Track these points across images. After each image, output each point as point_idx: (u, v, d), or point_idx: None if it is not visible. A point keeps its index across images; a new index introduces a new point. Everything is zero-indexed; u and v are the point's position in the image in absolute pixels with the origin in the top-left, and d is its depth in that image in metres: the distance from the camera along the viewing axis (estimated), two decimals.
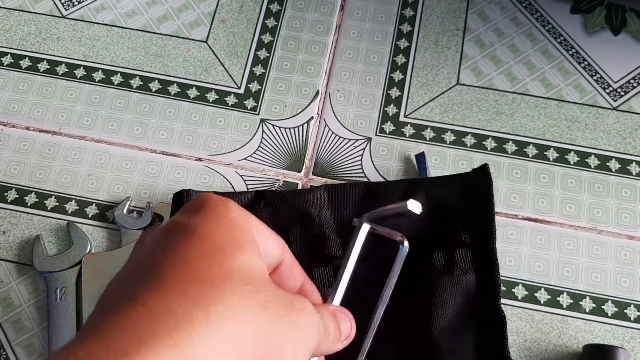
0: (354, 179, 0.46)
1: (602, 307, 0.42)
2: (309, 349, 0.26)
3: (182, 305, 0.21)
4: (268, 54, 0.50)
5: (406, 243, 0.40)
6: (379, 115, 0.48)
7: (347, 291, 0.40)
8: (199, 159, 0.47)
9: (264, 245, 0.27)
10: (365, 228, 0.38)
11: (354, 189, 0.43)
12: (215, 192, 0.41)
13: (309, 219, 0.41)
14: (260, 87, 0.49)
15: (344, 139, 0.47)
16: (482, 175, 0.41)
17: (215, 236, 0.24)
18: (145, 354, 0.19)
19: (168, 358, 0.19)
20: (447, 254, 0.39)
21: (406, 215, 0.41)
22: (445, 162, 0.46)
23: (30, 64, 0.50)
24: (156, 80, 0.49)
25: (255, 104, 0.48)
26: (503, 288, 0.42)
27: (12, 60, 0.50)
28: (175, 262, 0.23)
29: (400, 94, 0.49)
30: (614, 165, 0.46)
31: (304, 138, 0.47)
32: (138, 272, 0.23)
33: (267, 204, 0.42)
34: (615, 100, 0.48)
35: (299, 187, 0.46)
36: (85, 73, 0.49)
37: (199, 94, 0.49)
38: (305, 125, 0.48)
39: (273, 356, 0.23)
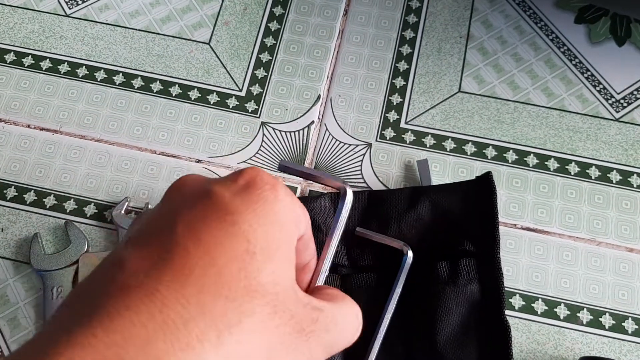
0: (353, 184, 0.46)
1: (600, 319, 0.42)
2: None
3: (198, 324, 0.19)
4: (270, 57, 0.50)
5: (410, 253, 0.39)
6: (380, 121, 0.48)
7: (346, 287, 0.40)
8: (199, 161, 0.47)
9: (297, 234, 0.25)
10: (350, 196, 0.30)
11: (358, 198, 0.43)
12: None
13: (314, 227, 0.41)
14: (261, 90, 0.49)
15: (344, 144, 0.47)
16: (485, 183, 0.41)
17: (251, 235, 0.22)
18: None
19: None
20: (451, 264, 0.39)
21: (410, 223, 0.42)
22: (445, 170, 0.46)
23: (33, 62, 0.50)
24: (158, 81, 0.49)
25: (257, 107, 0.48)
26: None
27: (15, 58, 0.50)
28: (202, 255, 0.21)
29: (401, 100, 0.48)
30: (614, 176, 0.46)
31: (304, 142, 0.47)
32: (160, 247, 0.21)
33: None
34: (617, 112, 0.48)
35: (298, 191, 0.45)
36: (87, 72, 0.49)
37: (200, 95, 0.49)
38: (305, 130, 0.48)
39: None
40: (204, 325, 0.19)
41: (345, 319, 0.27)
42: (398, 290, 0.39)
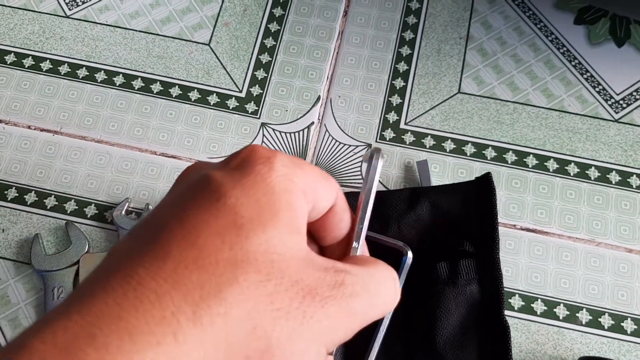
0: (353, 185, 0.46)
1: (599, 319, 0.42)
2: (331, 344, 0.23)
3: (173, 297, 0.19)
4: (270, 58, 0.50)
5: (410, 253, 0.40)
6: (380, 122, 0.48)
7: None
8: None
9: (312, 202, 0.24)
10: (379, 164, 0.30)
11: (357, 199, 0.43)
12: None
13: None
14: (261, 91, 0.49)
15: (344, 144, 0.47)
16: (484, 184, 0.41)
17: (239, 207, 0.21)
18: (127, 350, 0.18)
19: (149, 356, 0.18)
20: (451, 265, 0.39)
21: (410, 224, 0.42)
22: (445, 171, 0.46)
23: (33, 63, 0.50)
24: (158, 82, 0.49)
25: (257, 108, 0.48)
26: None
27: (16, 59, 0.50)
28: (185, 234, 0.21)
29: (401, 101, 0.49)
30: (614, 177, 0.46)
31: (304, 143, 0.47)
32: (148, 233, 0.21)
33: None
34: (617, 112, 0.48)
35: None
36: (87, 73, 0.49)
37: (200, 96, 0.49)
38: (305, 130, 0.48)
39: (266, 357, 0.21)
40: (178, 299, 0.19)
41: (379, 283, 0.25)
42: None
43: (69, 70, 0.50)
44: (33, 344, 0.18)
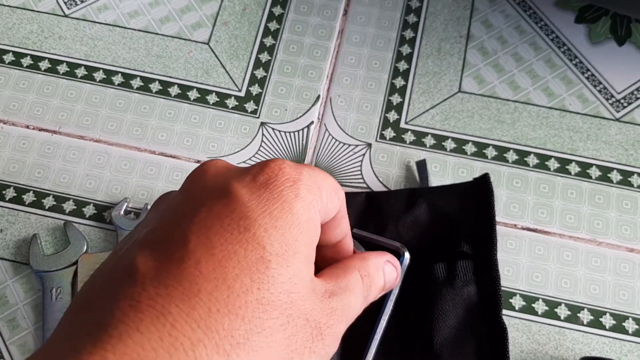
0: (353, 184, 0.45)
1: (600, 319, 0.42)
2: None
3: (206, 347, 0.19)
4: (270, 57, 0.50)
5: (407, 254, 0.39)
6: (380, 121, 0.48)
7: None
8: (198, 161, 0.46)
9: (323, 218, 0.25)
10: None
11: (356, 199, 0.42)
12: None
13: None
14: (261, 90, 0.49)
15: (344, 144, 0.47)
16: (483, 184, 0.41)
17: (266, 241, 0.22)
18: None
19: None
20: (448, 266, 0.39)
21: (407, 225, 0.41)
22: (445, 170, 0.46)
23: (32, 62, 0.50)
24: (157, 81, 0.49)
25: (256, 107, 0.48)
26: None
27: (14, 59, 0.50)
28: (215, 266, 0.21)
29: (401, 100, 0.48)
30: (615, 176, 0.46)
31: (304, 142, 0.47)
32: (174, 258, 0.21)
33: None
34: (618, 112, 0.48)
35: None
36: (86, 73, 0.49)
37: (199, 95, 0.49)
38: (305, 130, 0.47)
39: None
40: (210, 349, 0.19)
41: (354, 299, 0.27)
42: (395, 291, 0.39)
43: (68, 69, 0.49)
44: None
